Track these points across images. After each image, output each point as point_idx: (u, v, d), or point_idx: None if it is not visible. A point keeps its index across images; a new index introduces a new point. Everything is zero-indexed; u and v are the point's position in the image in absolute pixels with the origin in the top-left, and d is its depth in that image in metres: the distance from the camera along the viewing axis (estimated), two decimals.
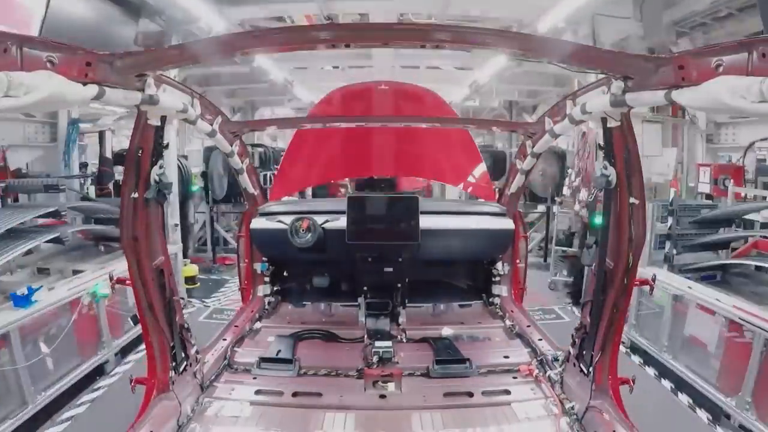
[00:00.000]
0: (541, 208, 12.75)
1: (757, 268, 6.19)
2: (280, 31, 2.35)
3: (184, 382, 3.22)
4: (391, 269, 4.78)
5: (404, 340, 4.34)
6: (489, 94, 15.22)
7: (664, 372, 6.48)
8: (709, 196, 8.36)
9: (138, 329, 6.30)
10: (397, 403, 3.44)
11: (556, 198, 11.43)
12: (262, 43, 2.67)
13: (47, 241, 6.25)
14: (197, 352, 3.52)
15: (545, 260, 12.10)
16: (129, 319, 6.66)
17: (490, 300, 5.27)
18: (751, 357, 4.98)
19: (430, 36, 2.49)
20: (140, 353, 6.68)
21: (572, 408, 3.18)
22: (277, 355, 3.93)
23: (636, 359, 6.98)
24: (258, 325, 4.70)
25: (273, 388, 3.56)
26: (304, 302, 5.30)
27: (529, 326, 4.52)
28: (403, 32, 2.63)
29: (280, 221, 4.84)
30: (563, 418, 3.16)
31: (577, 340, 3.40)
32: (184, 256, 9.97)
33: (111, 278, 3.06)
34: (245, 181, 4.74)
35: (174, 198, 9.05)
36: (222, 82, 14.23)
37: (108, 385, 6.16)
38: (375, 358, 3.76)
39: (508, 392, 3.53)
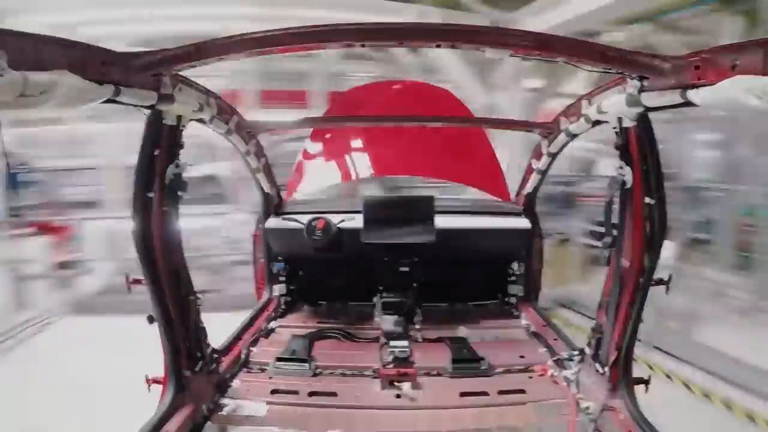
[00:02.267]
0: None
1: None
2: (300, 30, 2.35)
3: (200, 381, 3.24)
4: (406, 269, 4.80)
5: (420, 340, 4.35)
6: None
7: None
8: None
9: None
10: (414, 402, 3.45)
11: None
12: (283, 42, 2.68)
13: None
14: (213, 351, 3.54)
15: None
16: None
17: (506, 300, 5.26)
18: None
19: (439, 36, 2.50)
20: None
21: (588, 408, 3.17)
22: (293, 354, 3.95)
23: None
24: (274, 324, 4.73)
25: (289, 388, 3.57)
26: (319, 302, 5.33)
27: (544, 326, 4.52)
28: (411, 32, 2.62)
29: (295, 221, 4.87)
30: (579, 417, 3.16)
31: (593, 339, 3.40)
32: None
33: (127, 278, 3.09)
34: (262, 180, 4.78)
35: None
36: None
37: None
38: (391, 358, 3.76)
39: (523, 392, 3.52)
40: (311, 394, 3.51)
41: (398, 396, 3.51)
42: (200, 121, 3.14)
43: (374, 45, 2.85)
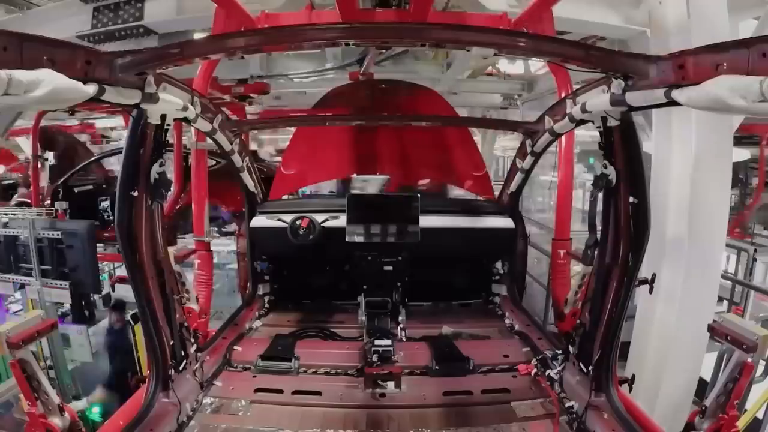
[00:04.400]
0: None
1: None
2: (282, 30, 2.35)
3: (183, 380, 3.22)
4: (390, 268, 4.79)
5: (404, 339, 4.34)
6: None
7: None
8: None
9: None
10: (397, 401, 3.44)
11: None
12: (265, 42, 2.66)
13: None
14: (197, 350, 3.51)
15: None
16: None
17: (490, 299, 5.27)
18: None
19: (425, 36, 2.50)
20: None
21: (572, 407, 3.18)
22: (276, 353, 3.93)
23: None
24: (258, 323, 4.70)
25: (273, 387, 3.56)
26: (303, 301, 5.31)
27: (528, 325, 4.53)
28: (396, 32, 2.62)
29: (280, 220, 4.84)
30: (563, 417, 3.16)
31: (576, 339, 3.40)
32: None
33: (111, 276, 3.06)
34: (246, 179, 4.75)
35: None
36: None
37: None
38: (374, 357, 3.75)
39: (507, 391, 3.53)
40: (295, 392, 3.49)
41: (382, 395, 3.50)
42: (184, 120, 3.11)
43: (358, 44, 2.83)
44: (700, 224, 4.84)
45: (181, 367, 3.22)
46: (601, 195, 3.02)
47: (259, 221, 5.00)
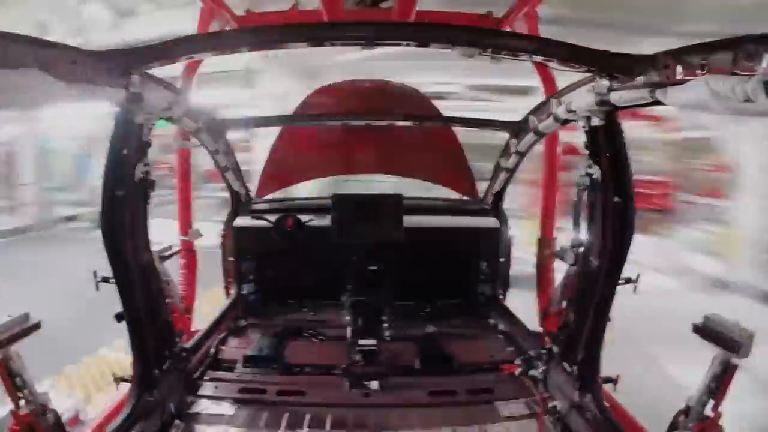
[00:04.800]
0: None
1: None
2: (266, 29, 2.36)
3: (168, 380, 3.19)
4: (375, 267, 4.78)
5: (389, 339, 4.33)
6: None
7: None
8: None
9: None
10: (381, 401, 3.44)
11: None
12: (249, 42, 2.66)
13: None
14: (182, 350, 3.49)
15: None
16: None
17: (475, 298, 5.28)
18: None
19: (411, 36, 2.51)
20: None
21: (555, 407, 3.19)
22: (261, 353, 3.91)
23: None
24: (242, 323, 4.68)
25: (257, 387, 3.54)
26: (288, 300, 5.28)
27: (513, 324, 4.54)
28: (383, 32, 2.63)
29: (264, 219, 4.82)
30: (546, 416, 3.18)
31: (561, 338, 3.42)
32: None
33: (95, 275, 3.03)
34: (230, 178, 4.72)
35: None
36: None
37: None
38: (359, 357, 3.74)
39: (492, 391, 3.54)
40: (280, 392, 3.48)
41: (367, 394, 3.50)
42: (169, 119, 3.09)
43: (346, 44, 2.83)
44: None
45: (165, 367, 3.19)
46: (585, 194, 3.03)
47: (244, 221, 4.97)
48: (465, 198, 5.70)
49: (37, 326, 2.49)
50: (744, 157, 12.92)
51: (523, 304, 4.84)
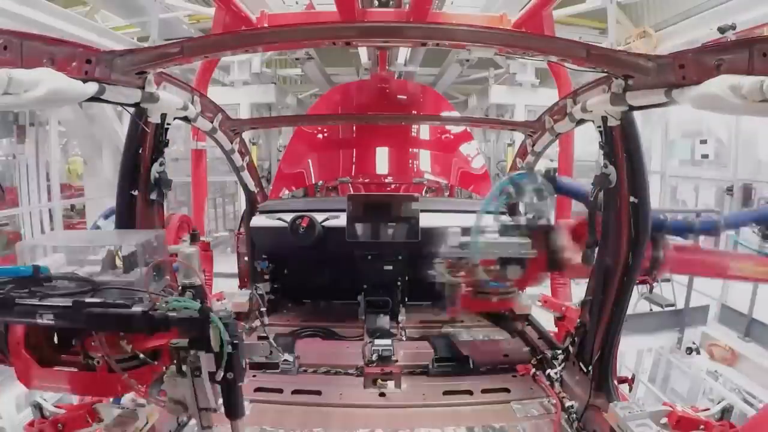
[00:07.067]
0: None
1: None
2: (281, 30, 2.37)
3: None
4: (390, 267, 4.78)
5: (404, 338, 4.33)
6: None
7: None
8: None
9: None
10: (397, 401, 3.44)
11: None
12: (264, 42, 2.67)
13: None
14: None
15: None
16: None
17: None
18: None
19: (426, 35, 2.51)
20: None
21: (571, 407, 3.17)
22: (276, 352, 3.92)
23: None
24: (257, 322, 4.69)
25: (273, 386, 3.55)
26: (303, 300, 5.30)
27: (528, 325, 4.52)
28: (395, 31, 2.63)
29: (280, 219, 4.83)
30: (562, 416, 3.16)
31: (576, 338, 3.40)
32: None
33: None
34: (246, 178, 4.74)
35: None
36: None
37: None
38: (374, 356, 3.74)
39: (507, 391, 3.53)
40: (295, 392, 3.49)
41: (381, 394, 3.50)
42: (184, 119, 3.11)
43: (358, 44, 2.84)
44: None
45: None
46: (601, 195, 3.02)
47: (259, 220, 4.99)
48: (481, 198, 5.67)
49: None
50: None
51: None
